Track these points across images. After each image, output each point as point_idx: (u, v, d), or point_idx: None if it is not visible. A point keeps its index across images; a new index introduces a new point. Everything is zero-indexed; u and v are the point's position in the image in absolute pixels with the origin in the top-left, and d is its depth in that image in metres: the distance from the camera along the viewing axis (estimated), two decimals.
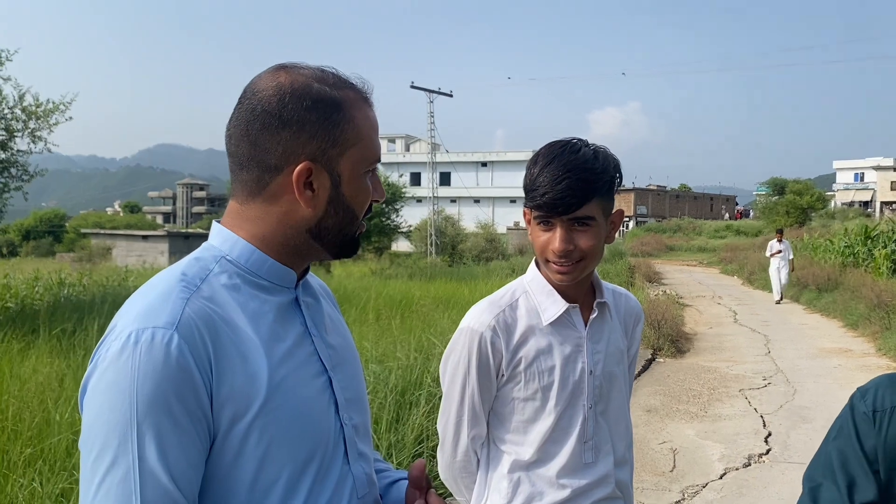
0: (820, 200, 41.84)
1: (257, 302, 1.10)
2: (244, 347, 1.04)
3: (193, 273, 1.07)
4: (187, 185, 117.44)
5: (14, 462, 3.90)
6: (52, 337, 7.29)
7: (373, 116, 1.17)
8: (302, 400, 1.08)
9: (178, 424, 0.96)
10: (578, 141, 1.58)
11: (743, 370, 9.07)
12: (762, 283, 20.04)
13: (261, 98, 1.09)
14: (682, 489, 5.03)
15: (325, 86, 1.11)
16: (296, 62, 1.14)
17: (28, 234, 65.12)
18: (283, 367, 1.07)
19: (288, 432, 1.05)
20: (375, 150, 1.16)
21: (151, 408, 0.95)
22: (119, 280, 16.71)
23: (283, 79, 1.10)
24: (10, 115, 11.76)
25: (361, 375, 1.29)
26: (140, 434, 0.94)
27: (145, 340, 0.97)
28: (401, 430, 4.98)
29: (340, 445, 1.14)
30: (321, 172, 1.11)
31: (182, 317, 0.99)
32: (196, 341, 0.99)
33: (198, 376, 0.98)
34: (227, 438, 1.01)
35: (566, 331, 1.65)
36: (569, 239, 1.54)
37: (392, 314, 9.62)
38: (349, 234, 1.17)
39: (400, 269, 24.75)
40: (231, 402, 1.01)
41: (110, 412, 0.95)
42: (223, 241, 1.13)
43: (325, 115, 1.09)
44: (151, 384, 0.95)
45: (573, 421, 1.63)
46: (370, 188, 1.17)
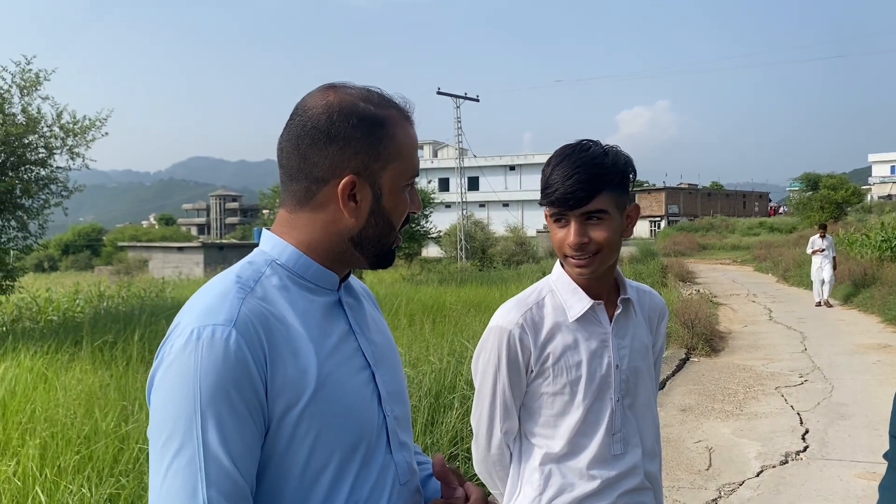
0: (855, 195, 41.00)
1: (305, 301, 1.19)
2: (295, 343, 1.13)
3: (247, 275, 1.16)
4: (220, 196, 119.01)
5: (64, 468, 4.04)
6: (95, 348, 7.49)
7: (413, 134, 1.25)
8: (348, 392, 1.17)
9: (237, 412, 1.05)
10: (589, 141, 1.66)
11: (779, 368, 8.98)
12: (797, 280, 19.75)
13: (311, 115, 1.18)
14: (719, 487, 5.02)
15: (370, 105, 1.20)
16: (344, 82, 1.23)
17: (67, 249, 66.58)
18: (331, 362, 1.16)
19: (335, 422, 1.13)
20: (414, 165, 1.24)
21: (213, 397, 1.04)
22: (156, 291, 17.04)
23: (332, 98, 1.19)
24: (49, 133, 12.10)
25: (401, 371, 1.37)
26: (204, 421, 1.03)
27: (206, 336, 1.05)
28: (436, 432, 5.04)
29: (383, 435, 1.22)
30: (364, 185, 1.19)
31: (239, 315, 1.08)
32: (252, 337, 1.07)
33: (254, 369, 1.07)
34: (281, 426, 1.10)
35: (592, 327, 1.71)
36: (582, 232, 1.62)
37: (424, 319, 9.71)
38: (387, 244, 1.25)
39: (431, 275, 24.84)
40: (284, 392, 1.09)
41: (176, 402, 1.04)
42: (273, 246, 1.22)
43: (370, 132, 1.18)
44: (213, 376, 1.04)
45: (601, 414, 1.69)
46: (408, 201, 1.25)
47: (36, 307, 13.74)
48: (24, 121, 11.68)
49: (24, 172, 12.08)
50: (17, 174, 11.91)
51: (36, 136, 11.95)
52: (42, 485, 3.83)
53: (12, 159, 11.75)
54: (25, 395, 5.30)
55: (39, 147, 12.10)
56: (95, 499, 3.76)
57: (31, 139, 11.90)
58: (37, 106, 11.90)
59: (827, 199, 38.77)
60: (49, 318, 12.75)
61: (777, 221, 51.03)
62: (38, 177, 12.23)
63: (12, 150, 11.62)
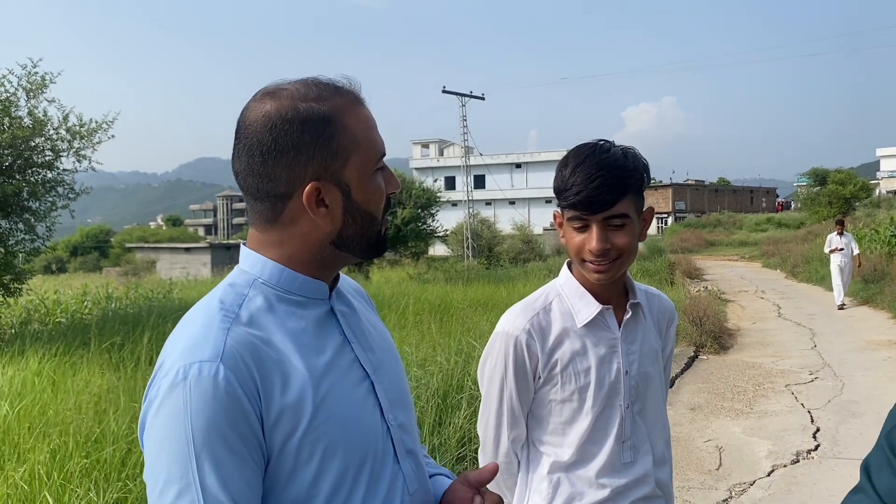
0: (864, 189, 40.78)
1: (294, 318, 1.14)
2: (287, 367, 1.08)
3: (230, 300, 1.11)
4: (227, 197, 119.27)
5: (71, 472, 4.03)
6: (104, 350, 7.49)
7: (365, 115, 1.17)
8: (348, 408, 1.12)
9: (234, 451, 1.00)
10: (606, 142, 1.61)
11: (788, 365, 8.93)
12: (806, 277, 19.64)
13: (253, 131, 1.11)
14: (729, 487, 4.98)
15: (311, 102, 1.12)
16: (279, 82, 1.15)
17: (75, 251, 66.86)
18: (327, 380, 1.11)
19: (338, 441, 1.09)
20: (376, 148, 1.16)
21: (207, 439, 0.99)
22: (164, 292, 17.07)
23: (269, 106, 1.11)
24: (55, 136, 12.11)
25: (403, 374, 1.32)
26: (199, 464, 0.98)
27: (193, 375, 1.00)
28: (443, 432, 5.03)
29: (389, 446, 1.18)
30: (330, 187, 1.13)
31: (226, 347, 1.03)
32: (241, 370, 1.03)
33: (247, 403, 1.02)
34: (282, 455, 1.06)
35: (600, 332, 1.67)
36: (605, 238, 1.57)
37: (431, 318, 9.69)
38: (373, 235, 1.19)
39: (437, 274, 24.84)
40: (281, 421, 1.05)
41: (169, 446, 1.00)
42: (252, 264, 1.16)
43: (318, 132, 1.11)
44: (204, 416, 0.99)
45: (611, 421, 1.66)
46: (382, 186, 1.18)
47: (44, 309, 13.79)
48: (30, 124, 11.69)
49: (31, 175, 12.09)
50: (24, 177, 11.92)
51: (42, 139, 11.96)
52: (50, 489, 3.83)
53: (19, 162, 11.77)
54: (34, 398, 5.31)
55: (46, 150, 12.11)
56: (102, 502, 3.76)
57: (38, 142, 11.91)
58: (43, 109, 11.92)
59: (835, 194, 38.58)
60: (57, 320, 12.79)
61: (785, 217, 50.83)
62: (44, 179, 12.24)
63: (19, 152, 11.63)
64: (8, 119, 11.48)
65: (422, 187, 32.04)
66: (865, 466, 1.16)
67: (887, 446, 1.14)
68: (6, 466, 4.12)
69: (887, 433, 1.15)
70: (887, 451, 1.13)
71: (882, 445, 1.15)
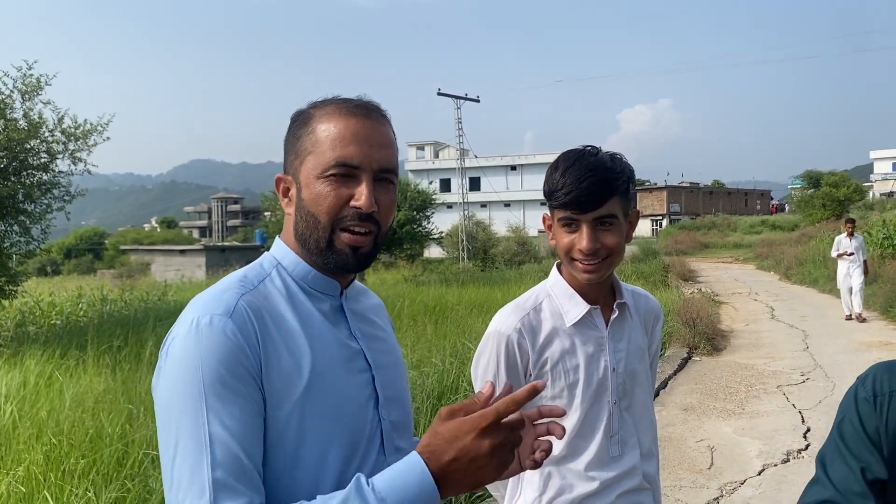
0: (857, 192, 40.96)
1: (306, 304, 1.23)
2: (290, 339, 1.16)
3: (254, 275, 1.23)
4: (222, 199, 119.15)
5: (70, 472, 4.07)
6: (101, 353, 7.52)
7: (344, 124, 1.21)
8: (342, 391, 1.19)
9: (239, 393, 1.08)
10: (594, 147, 1.69)
11: (781, 366, 9.01)
12: (799, 279, 19.74)
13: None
14: (720, 486, 5.04)
15: (311, 106, 1.26)
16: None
17: (70, 253, 66.70)
18: (327, 359, 1.19)
19: (327, 418, 1.16)
20: (333, 154, 1.19)
21: (215, 380, 1.07)
22: (159, 294, 17.08)
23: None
24: (50, 138, 12.13)
25: (405, 380, 1.38)
26: (208, 403, 1.07)
27: (205, 324, 1.10)
28: None
29: (377, 438, 1.24)
30: (292, 182, 1.25)
31: (236, 308, 1.13)
32: (247, 328, 1.12)
33: (251, 356, 1.11)
34: (273, 418, 1.13)
35: (588, 331, 1.74)
36: (594, 237, 1.63)
37: (426, 320, 9.74)
38: (322, 239, 1.21)
39: (433, 276, 24.89)
40: (277, 385, 1.13)
41: (181, 385, 1.08)
42: (278, 251, 1.28)
43: (295, 130, 1.25)
44: (214, 360, 1.08)
45: (599, 416, 1.72)
46: (337, 193, 1.20)
47: (39, 311, 13.79)
48: (25, 126, 11.72)
49: (27, 177, 12.11)
50: (20, 179, 11.94)
51: (38, 141, 11.98)
52: (48, 489, 3.86)
53: (14, 164, 11.79)
54: (32, 399, 5.34)
55: (41, 152, 12.14)
56: (101, 503, 3.79)
57: (33, 144, 11.94)
58: (38, 111, 11.95)
59: (829, 196, 38.73)
60: (52, 322, 12.80)
61: (779, 219, 50.98)
62: (40, 181, 12.27)
63: (14, 154, 11.66)
64: (3, 121, 11.50)
65: (417, 189, 32.08)
66: (821, 458, 1.22)
67: (838, 438, 1.20)
68: (4, 467, 4.16)
69: (838, 424, 1.21)
70: (839, 443, 1.19)
71: (834, 437, 1.21)
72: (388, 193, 1.25)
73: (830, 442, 1.22)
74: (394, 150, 1.28)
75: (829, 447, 1.21)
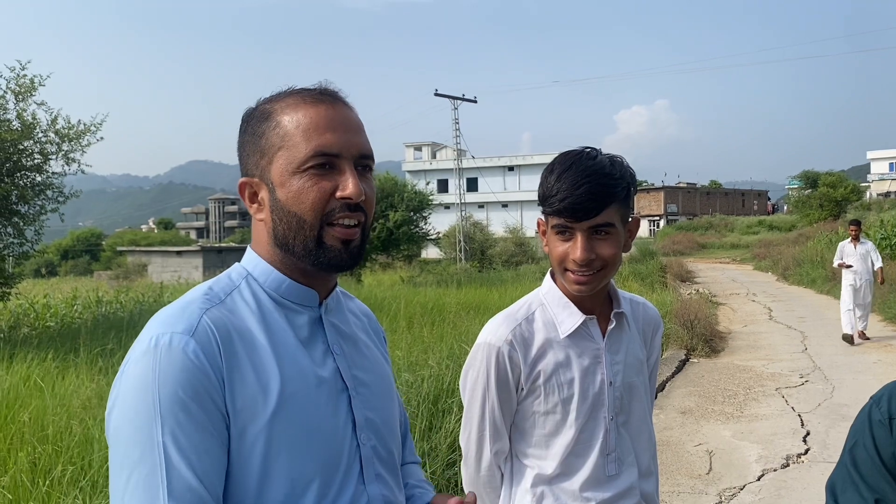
0: (854, 192, 40.92)
1: (278, 318, 1.13)
2: (258, 360, 1.07)
3: (220, 288, 1.14)
4: (219, 200, 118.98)
5: (58, 480, 3.99)
6: (93, 356, 7.44)
7: (314, 112, 1.12)
8: (313, 415, 1.10)
9: (198, 421, 1.00)
10: (593, 149, 1.59)
11: (779, 368, 8.94)
12: (797, 279, 19.70)
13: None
14: (719, 492, 4.97)
15: (266, 102, 1.16)
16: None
17: (66, 254, 66.48)
18: (297, 382, 1.09)
19: (297, 445, 1.07)
20: (309, 145, 1.10)
21: (172, 406, 0.99)
22: (155, 296, 16.98)
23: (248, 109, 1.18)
24: (44, 139, 12.04)
25: (390, 400, 1.28)
26: (164, 432, 0.98)
27: (164, 344, 1.02)
28: (434, 438, 4.99)
29: (356, 465, 1.15)
30: (260, 185, 1.15)
31: (199, 325, 1.04)
32: (211, 347, 1.03)
33: (213, 379, 1.02)
34: (238, 444, 1.04)
35: (584, 343, 1.64)
36: (589, 247, 1.53)
37: (423, 322, 9.66)
38: (309, 238, 1.12)
39: (430, 277, 24.80)
40: (241, 410, 1.04)
41: (135, 410, 1.00)
42: (249, 261, 1.19)
43: (254, 129, 1.14)
44: (171, 383, 1.00)
45: (595, 433, 1.63)
46: (319, 187, 1.11)
47: (34, 313, 13.69)
48: (19, 126, 11.62)
49: (20, 178, 12.01)
50: (13, 180, 11.84)
51: (31, 142, 11.89)
52: (35, 497, 3.78)
53: (7, 165, 11.69)
54: (19, 403, 5.25)
55: (35, 153, 12.04)
56: None
57: (27, 145, 11.84)
58: (32, 111, 11.85)
59: (826, 196, 38.71)
60: (47, 324, 12.70)
61: (776, 220, 50.99)
62: (33, 183, 12.17)
63: (7, 155, 11.56)
64: None
65: (414, 190, 31.99)
66: (831, 487, 1.14)
67: (850, 464, 1.12)
68: None
69: (850, 449, 1.13)
70: (851, 470, 1.11)
71: (845, 463, 1.13)
72: (369, 182, 1.16)
73: (842, 468, 1.14)
74: (366, 136, 1.18)
75: (841, 474, 1.13)
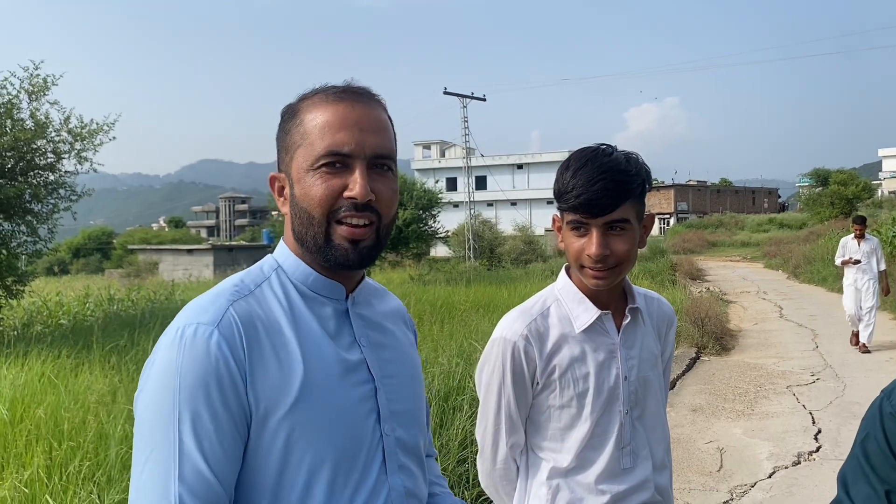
0: (866, 190, 40.67)
1: (305, 311, 1.16)
2: (282, 350, 1.10)
3: (250, 279, 1.17)
4: (229, 198, 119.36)
5: (73, 475, 4.04)
6: (106, 353, 7.50)
7: (332, 110, 1.14)
8: (336, 405, 1.12)
9: (216, 413, 1.04)
10: (608, 146, 1.60)
11: (790, 366, 8.92)
12: (808, 277, 19.60)
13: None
14: (731, 489, 4.98)
15: (299, 99, 1.20)
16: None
17: (78, 252, 66.85)
18: (322, 372, 1.12)
19: (318, 434, 1.10)
20: (322, 144, 1.13)
21: (193, 396, 1.03)
22: (166, 294, 17.09)
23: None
24: (57, 138, 12.13)
25: (418, 394, 1.30)
26: (182, 419, 1.02)
27: (189, 335, 1.05)
28: (444, 435, 5.02)
29: (378, 455, 1.17)
30: (285, 180, 1.20)
31: (224, 316, 1.08)
32: (234, 338, 1.06)
33: (235, 369, 1.05)
34: (260, 432, 1.08)
35: (599, 338, 1.66)
36: (605, 244, 1.55)
37: (433, 320, 9.69)
38: (319, 235, 1.14)
39: (439, 275, 24.82)
40: (264, 398, 1.07)
41: (158, 398, 1.04)
42: (280, 253, 1.23)
43: (284, 125, 1.19)
44: (192, 375, 1.03)
45: (610, 427, 1.65)
46: (329, 185, 1.13)
47: (47, 311, 13.80)
48: (32, 126, 11.71)
49: (33, 177, 12.11)
50: (27, 179, 11.94)
51: (44, 141, 11.98)
52: (51, 492, 3.83)
53: (21, 164, 11.78)
54: (35, 400, 5.31)
55: (48, 152, 12.13)
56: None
57: (40, 144, 11.93)
58: (45, 111, 11.94)
59: (837, 194, 38.50)
60: (59, 322, 12.81)
61: (787, 217, 50.76)
62: (46, 181, 12.26)
63: (21, 155, 11.65)
64: (10, 121, 11.50)
65: (423, 188, 32.02)
66: (842, 478, 1.15)
67: (862, 456, 1.13)
68: (7, 469, 4.13)
69: (861, 441, 1.15)
70: (862, 462, 1.12)
71: (856, 455, 1.14)
72: (387, 182, 1.16)
73: (853, 460, 1.15)
74: (389, 135, 1.18)
75: (852, 466, 1.14)
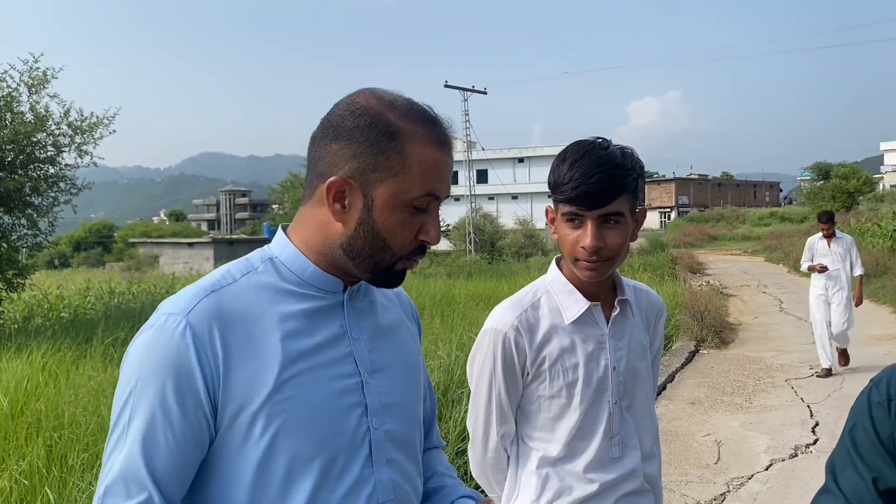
0: (867, 184, 40.68)
1: (292, 300, 1.16)
2: (259, 341, 1.10)
3: (237, 269, 1.17)
4: (230, 192, 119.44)
5: (72, 466, 4.06)
6: (107, 345, 7.53)
7: (434, 156, 1.14)
8: (315, 397, 1.12)
9: (167, 404, 1.05)
10: (604, 140, 1.62)
11: (789, 360, 8.94)
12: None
13: (335, 111, 1.16)
14: (728, 481, 4.99)
15: (392, 113, 1.13)
16: (388, 90, 1.17)
17: (78, 246, 66.88)
18: (301, 364, 1.12)
19: (297, 426, 1.10)
20: (421, 187, 1.13)
21: (146, 385, 1.05)
22: (166, 287, 17.13)
23: (361, 98, 1.15)
24: (57, 131, 12.14)
25: (413, 387, 1.30)
26: (133, 407, 1.05)
27: (160, 323, 1.07)
28: (443, 427, 5.04)
29: (363, 448, 1.16)
30: (356, 192, 1.13)
31: (197, 306, 1.08)
32: (203, 331, 1.07)
33: (195, 364, 1.06)
34: (233, 426, 1.08)
35: (588, 329, 1.68)
36: (599, 236, 1.56)
37: (433, 313, 9.71)
38: (382, 262, 1.16)
39: (440, 268, 24.83)
40: (239, 389, 1.07)
41: (123, 381, 1.07)
42: (277, 244, 1.21)
43: (377, 138, 1.11)
44: (151, 363, 1.05)
45: (599, 417, 1.67)
46: (413, 224, 1.15)
47: (47, 304, 13.85)
48: (32, 119, 11.72)
49: (33, 170, 12.12)
50: (27, 172, 11.95)
51: (44, 134, 11.99)
52: (50, 483, 3.85)
53: (21, 157, 11.80)
54: (36, 392, 5.33)
55: (48, 145, 12.14)
56: None
57: (40, 137, 11.94)
58: (45, 104, 11.95)
59: (838, 188, 38.48)
60: (60, 315, 12.84)
61: (788, 211, 50.74)
62: (46, 175, 12.28)
63: (21, 148, 11.66)
64: (10, 115, 11.50)
65: None
66: (831, 466, 1.16)
67: (850, 444, 1.13)
68: (7, 460, 4.15)
69: (850, 430, 1.15)
70: (850, 450, 1.13)
71: (845, 443, 1.15)
72: (437, 221, 1.22)
73: (841, 448, 1.16)
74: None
75: (840, 454, 1.15)
